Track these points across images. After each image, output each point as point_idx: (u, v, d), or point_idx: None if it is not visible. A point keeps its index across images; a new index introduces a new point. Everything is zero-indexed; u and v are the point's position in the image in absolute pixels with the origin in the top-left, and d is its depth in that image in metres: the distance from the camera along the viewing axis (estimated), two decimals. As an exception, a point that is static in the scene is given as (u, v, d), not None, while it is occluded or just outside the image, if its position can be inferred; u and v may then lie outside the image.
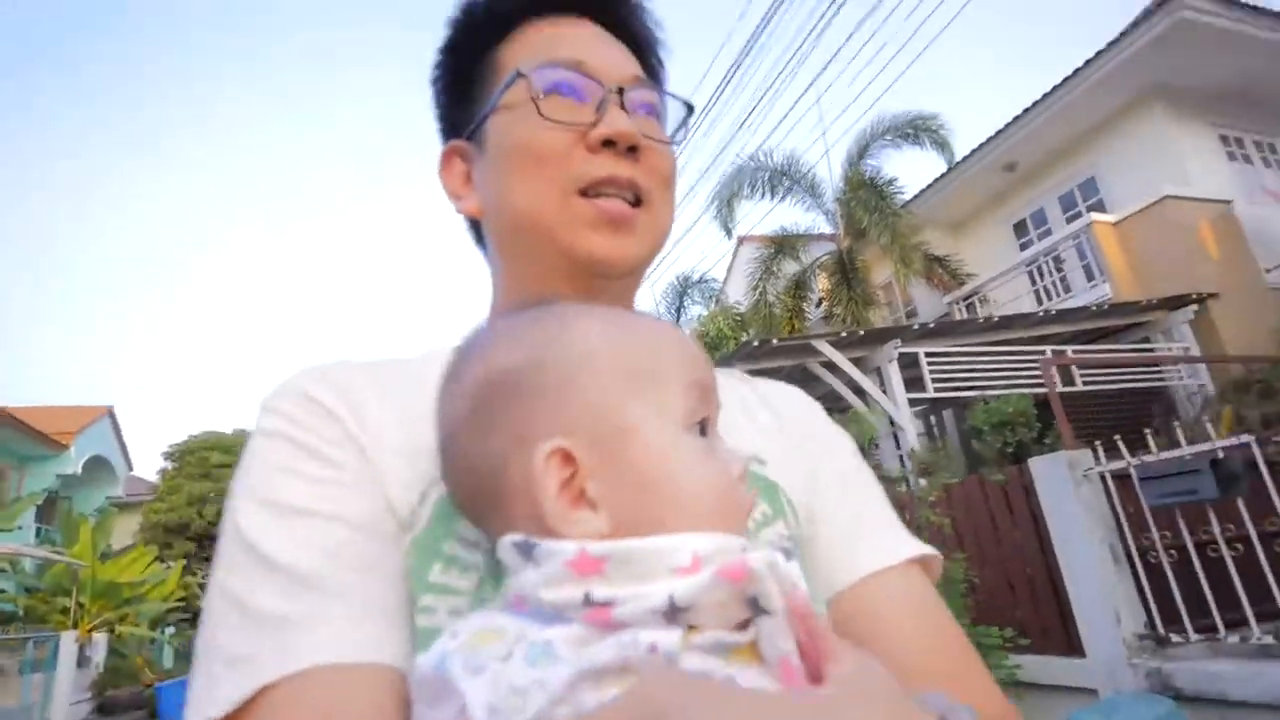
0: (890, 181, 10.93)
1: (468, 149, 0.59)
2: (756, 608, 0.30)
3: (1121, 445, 3.55)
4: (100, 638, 14.15)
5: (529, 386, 0.38)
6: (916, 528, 4.19)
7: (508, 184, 0.54)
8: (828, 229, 12.29)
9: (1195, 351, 7.98)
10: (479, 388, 0.40)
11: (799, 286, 11.82)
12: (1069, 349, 7.30)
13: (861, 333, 6.42)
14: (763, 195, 12.24)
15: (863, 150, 11.50)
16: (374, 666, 0.37)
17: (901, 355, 6.50)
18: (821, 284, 11.88)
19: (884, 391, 6.42)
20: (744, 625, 0.32)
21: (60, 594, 14.19)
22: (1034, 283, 10.53)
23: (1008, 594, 4.07)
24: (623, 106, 0.54)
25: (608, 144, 0.52)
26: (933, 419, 9.93)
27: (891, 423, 6.20)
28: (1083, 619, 3.64)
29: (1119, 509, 3.59)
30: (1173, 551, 3.36)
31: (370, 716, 0.35)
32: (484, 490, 0.39)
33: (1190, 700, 3.17)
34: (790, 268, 12.12)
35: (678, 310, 13.32)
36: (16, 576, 14.23)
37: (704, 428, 0.39)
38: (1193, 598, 3.27)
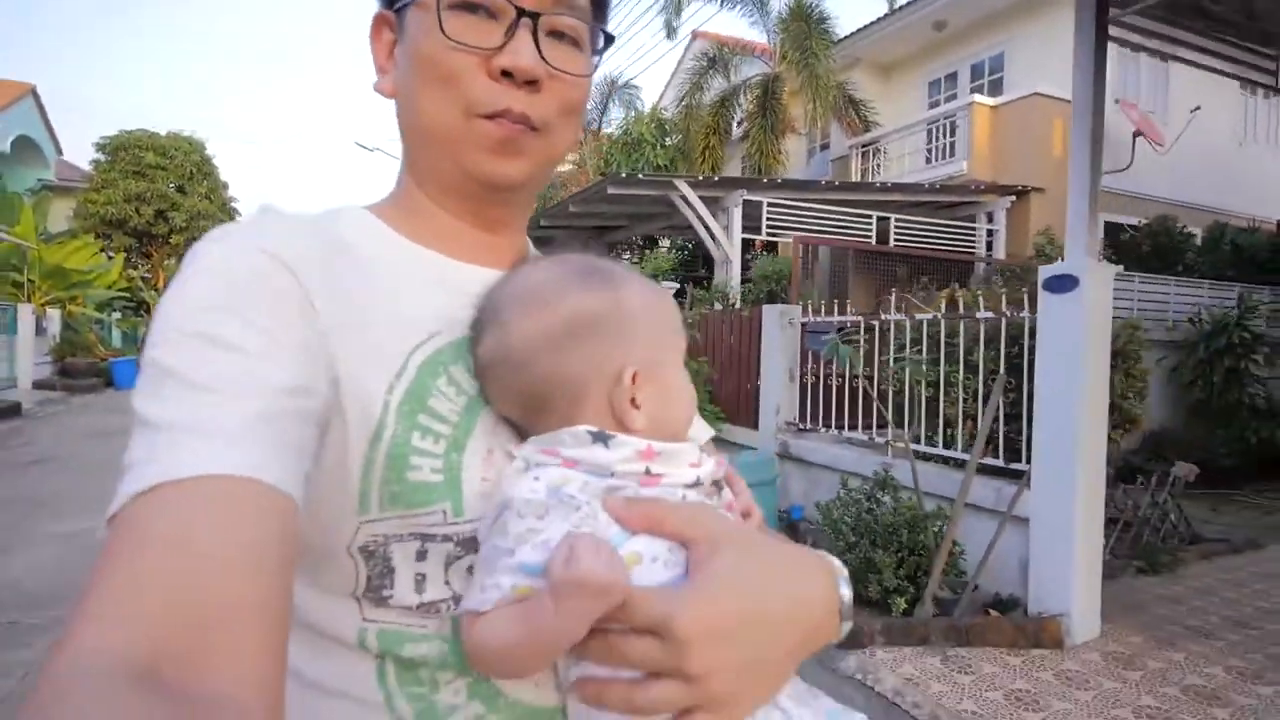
0: (824, 19, 11.39)
1: (395, 24, 0.58)
2: (718, 482, 0.55)
3: (823, 307, 5.33)
4: (54, 313, 15.62)
5: (610, 325, 0.52)
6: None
7: (415, 92, 0.55)
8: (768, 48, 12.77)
9: (1001, 232, 9.71)
10: (570, 318, 0.51)
11: (724, 104, 12.61)
12: (893, 217, 8.86)
13: (716, 178, 7.77)
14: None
15: (812, -25, 11.70)
16: (255, 482, 0.38)
17: (748, 202, 7.96)
18: (747, 105, 12.68)
19: (725, 229, 7.97)
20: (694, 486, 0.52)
21: (9, 269, 15.30)
22: (929, 142, 11.73)
23: (731, 388, 6.08)
24: (536, 33, 0.53)
25: (507, 74, 0.53)
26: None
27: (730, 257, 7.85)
28: (763, 409, 5.69)
29: (801, 347, 5.48)
30: (813, 378, 5.34)
31: (239, 522, 0.37)
32: (559, 393, 0.51)
33: (795, 459, 5.35)
34: (720, 85, 12.77)
35: (601, 112, 13.89)
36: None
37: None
38: (817, 407, 5.31)
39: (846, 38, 12.40)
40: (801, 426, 5.50)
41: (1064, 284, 3.43)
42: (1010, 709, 2.90)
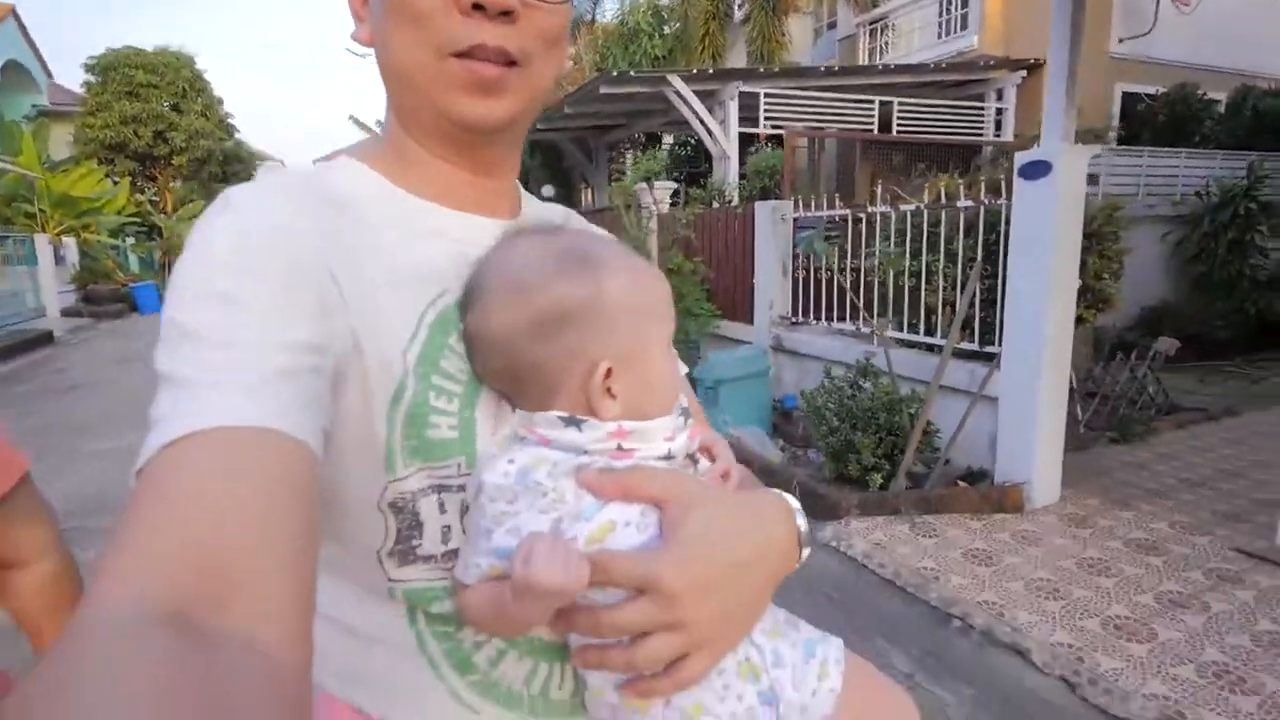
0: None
1: None
2: (692, 455, 0.57)
3: (813, 201, 5.38)
4: (70, 241, 15.89)
5: (587, 317, 0.52)
6: (671, 240, 6.15)
7: (388, 37, 0.54)
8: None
9: (1010, 112, 9.41)
10: (546, 310, 0.52)
11: (723, -15, 11.96)
12: (896, 101, 8.60)
13: (710, 70, 7.54)
14: None
15: None
16: (274, 432, 0.39)
17: (744, 94, 7.76)
18: (745, -15, 12.03)
19: (721, 123, 7.82)
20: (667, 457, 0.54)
21: (20, 200, 15.44)
22: (941, 14, 11.14)
23: (728, 284, 6.22)
24: None
25: (478, 7, 0.51)
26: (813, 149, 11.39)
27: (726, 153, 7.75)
28: (757, 305, 5.86)
29: (793, 243, 5.57)
30: (803, 272, 5.46)
31: (260, 470, 0.38)
32: (535, 378, 0.53)
33: (789, 352, 5.57)
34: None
35: (595, 2, 13.22)
36: (-26, 180, 15.16)
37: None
38: (810, 301, 5.47)
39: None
40: (794, 320, 5.68)
41: (1037, 170, 3.48)
42: (965, 564, 3.24)
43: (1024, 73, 9.34)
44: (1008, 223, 3.76)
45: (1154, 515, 3.58)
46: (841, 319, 5.26)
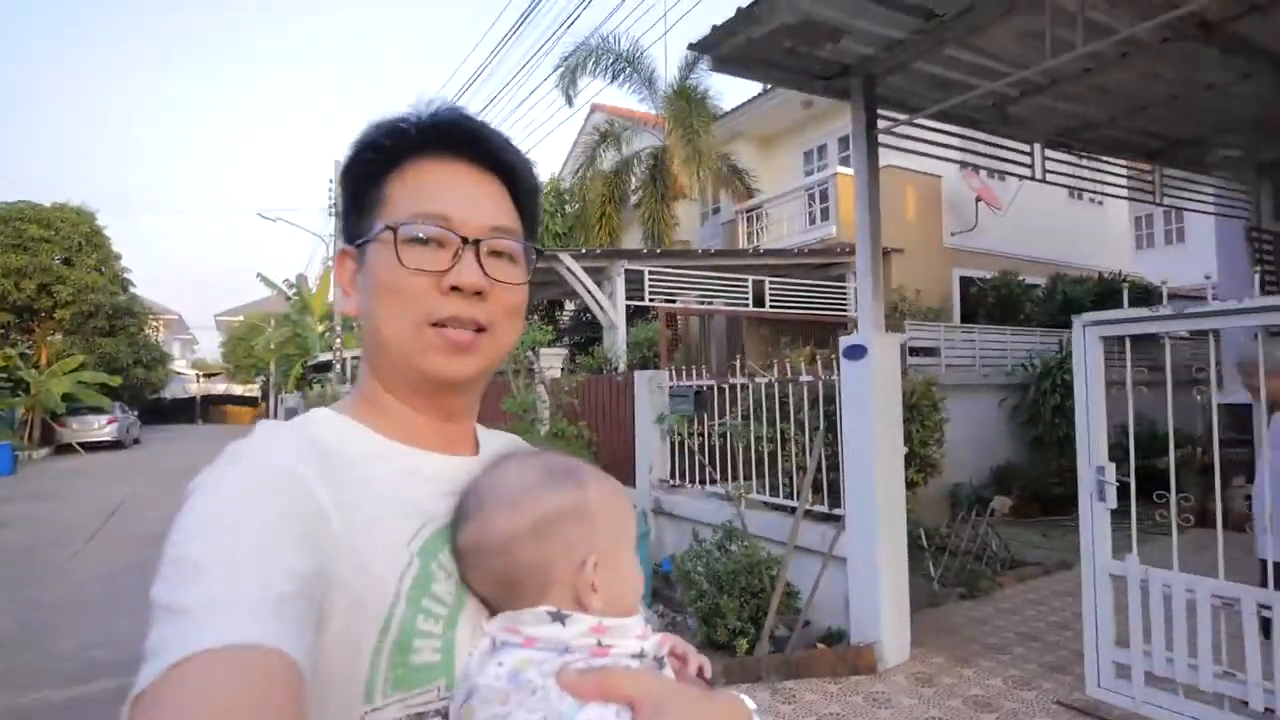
0: (705, 96, 12.37)
1: (357, 256, 0.69)
2: (660, 658, 0.60)
3: (682, 371, 5.81)
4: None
5: (576, 518, 0.60)
6: (557, 405, 6.43)
7: (375, 310, 0.66)
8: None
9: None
10: (543, 513, 0.60)
11: (618, 175, 13.35)
12: (767, 280, 9.65)
13: (598, 250, 8.33)
14: (605, 75, 13.30)
15: (695, 61, 12.73)
16: (269, 649, 0.43)
17: (629, 271, 8.54)
18: (640, 175, 13.46)
19: (610, 297, 8.50)
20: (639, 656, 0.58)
21: None
22: (810, 205, 12.76)
23: (613, 449, 6.45)
24: (479, 255, 0.65)
25: (455, 289, 0.64)
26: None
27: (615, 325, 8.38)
28: (639, 468, 6.08)
29: (666, 409, 5.92)
30: (680, 436, 5.78)
31: (268, 687, 0.41)
32: (532, 576, 0.59)
33: (668, 515, 5.74)
34: (616, 155, 13.54)
35: None
36: None
37: None
38: (687, 465, 5.74)
39: (728, 113, 13.45)
40: (673, 483, 5.91)
41: (856, 352, 4.01)
42: (819, 731, 3.29)
43: (876, 259, 10.72)
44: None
45: (991, 671, 3.80)
46: (714, 482, 5.53)
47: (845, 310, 10.67)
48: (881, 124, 4.23)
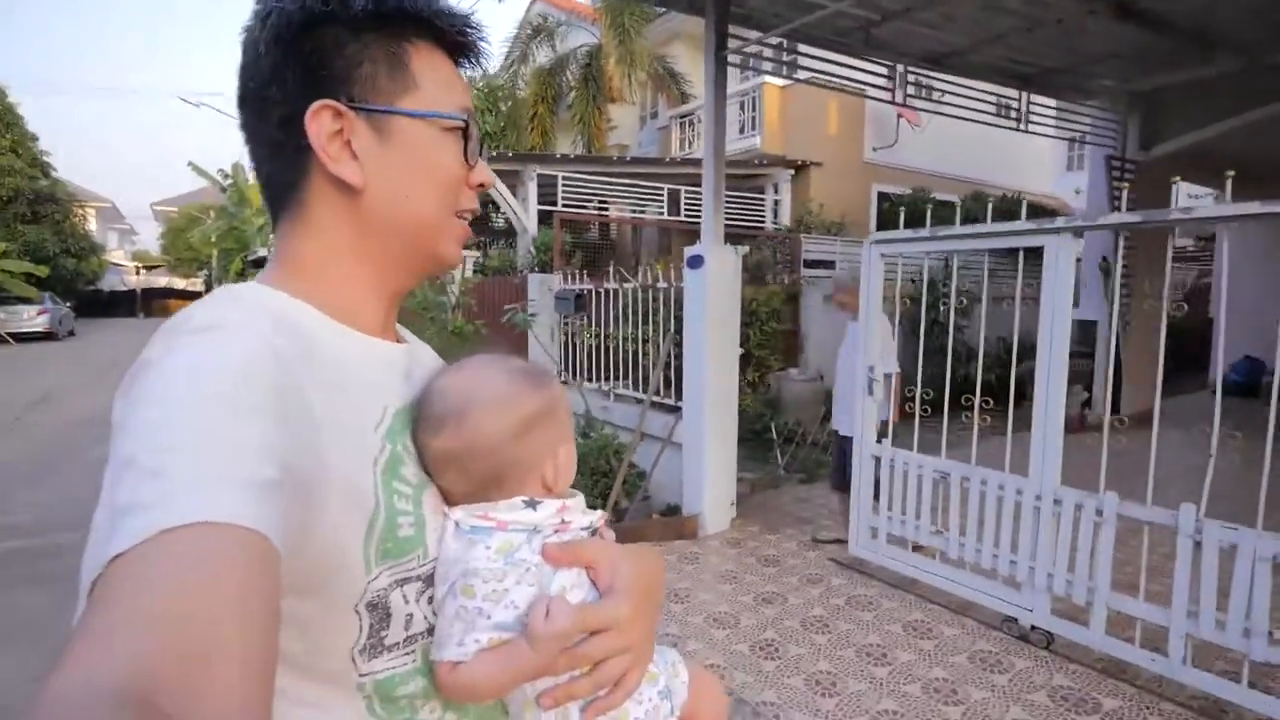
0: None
1: (348, 116, 0.62)
2: (597, 530, 0.69)
3: (570, 275, 6.17)
4: None
5: (551, 415, 0.68)
6: (455, 305, 6.78)
7: (414, 190, 0.64)
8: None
9: (786, 202, 10.98)
10: (528, 414, 0.66)
11: (551, 74, 13.09)
12: (683, 189, 9.90)
13: (511, 154, 8.44)
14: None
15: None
16: (251, 531, 0.41)
17: (542, 175, 8.70)
18: (572, 76, 13.23)
19: (523, 201, 8.69)
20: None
21: None
22: (740, 114, 12.80)
23: (509, 347, 6.87)
24: (480, 153, 0.70)
25: (480, 186, 0.70)
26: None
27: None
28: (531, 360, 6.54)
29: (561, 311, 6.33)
30: (566, 336, 6.22)
31: (235, 568, 0.39)
32: (512, 473, 0.65)
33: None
34: (549, 55, 13.23)
35: None
36: None
37: None
38: (575, 363, 6.20)
39: (665, 11, 13.15)
40: (562, 380, 6.40)
41: (695, 262, 4.43)
42: (629, 580, 3.93)
43: (792, 171, 11.00)
44: (691, 301, 4.68)
45: (790, 538, 4.49)
46: (592, 380, 6.04)
47: (763, 221, 11.03)
48: (733, 43, 4.47)
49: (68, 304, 23.93)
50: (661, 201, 9.74)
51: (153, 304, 40.86)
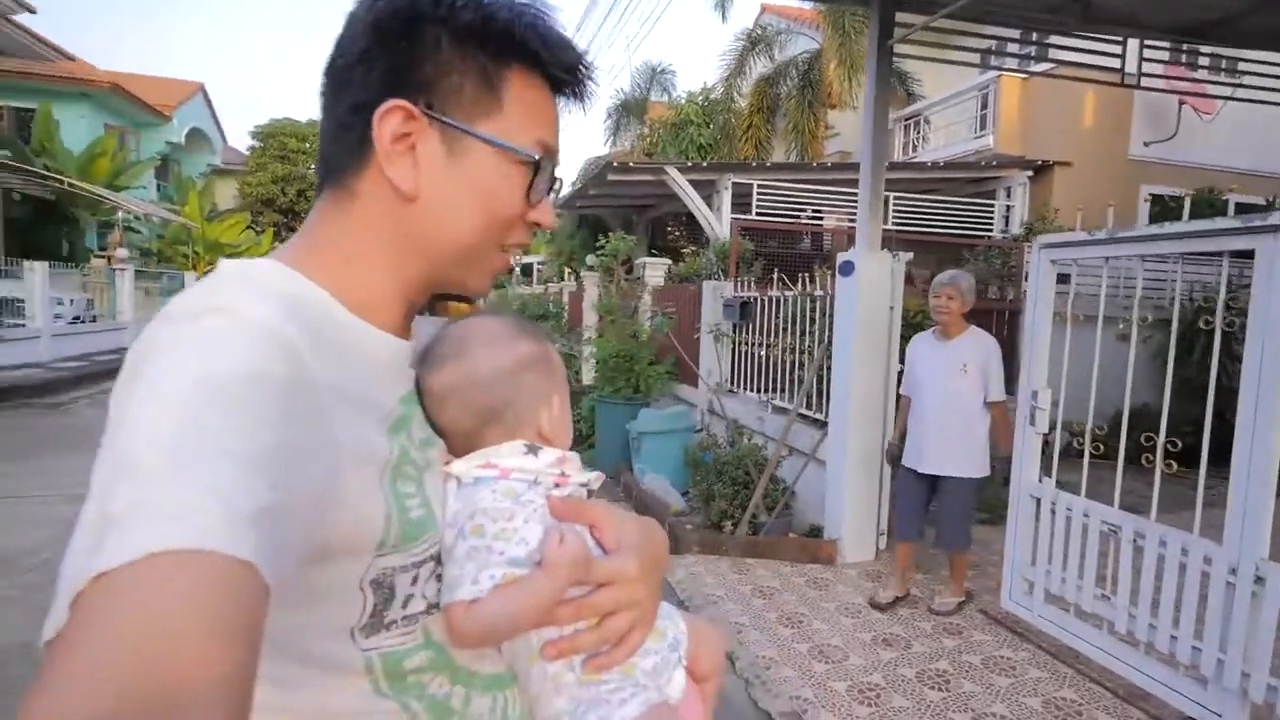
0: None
1: (420, 122, 0.59)
2: (593, 488, 0.70)
3: (731, 284, 6.14)
4: (211, 280, 18.80)
5: (546, 364, 0.69)
6: (633, 311, 7.04)
7: (465, 213, 0.62)
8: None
9: (1020, 208, 9.72)
10: (522, 356, 0.67)
11: (768, 83, 13.04)
12: (891, 195, 9.18)
13: (705, 164, 8.50)
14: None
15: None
16: (242, 563, 0.39)
17: (737, 184, 8.65)
18: (791, 83, 13.05)
19: (718, 210, 8.72)
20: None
21: (179, 244, 18.60)
22: (972, 112, 11.65)
23: (682, 350, 6.98)
24: (548, 192, 0.67)
25: (535, 224, 0.66)
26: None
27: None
28: (701, 371, 6.60)
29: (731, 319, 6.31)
30: (740, 345, 6.17)
31: (219, 600, 0.37)
32: (508, 412, 0.65)
33: (719, 416, 6.26)
34: (772, 62, 13.19)
35: (645, 94, 14.66)
36: (149, 226, 18.44)
37: None
38: (743, 373, 6.15)
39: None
40: (729, 388, 6.36)
41: (846, 268, 4.14)
42: (748, 595, 3.81)
43: (1030, 173, 9.69)
44: (847, 312, 4.39)
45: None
46: (763, 389, 5.91)
47: (990, 229, 9.87)
48: (900, 31, 4.11)
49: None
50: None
51: (434, 304, 48.09)
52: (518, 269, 21.46)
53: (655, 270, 8.41)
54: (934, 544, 3.73)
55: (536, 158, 0.62)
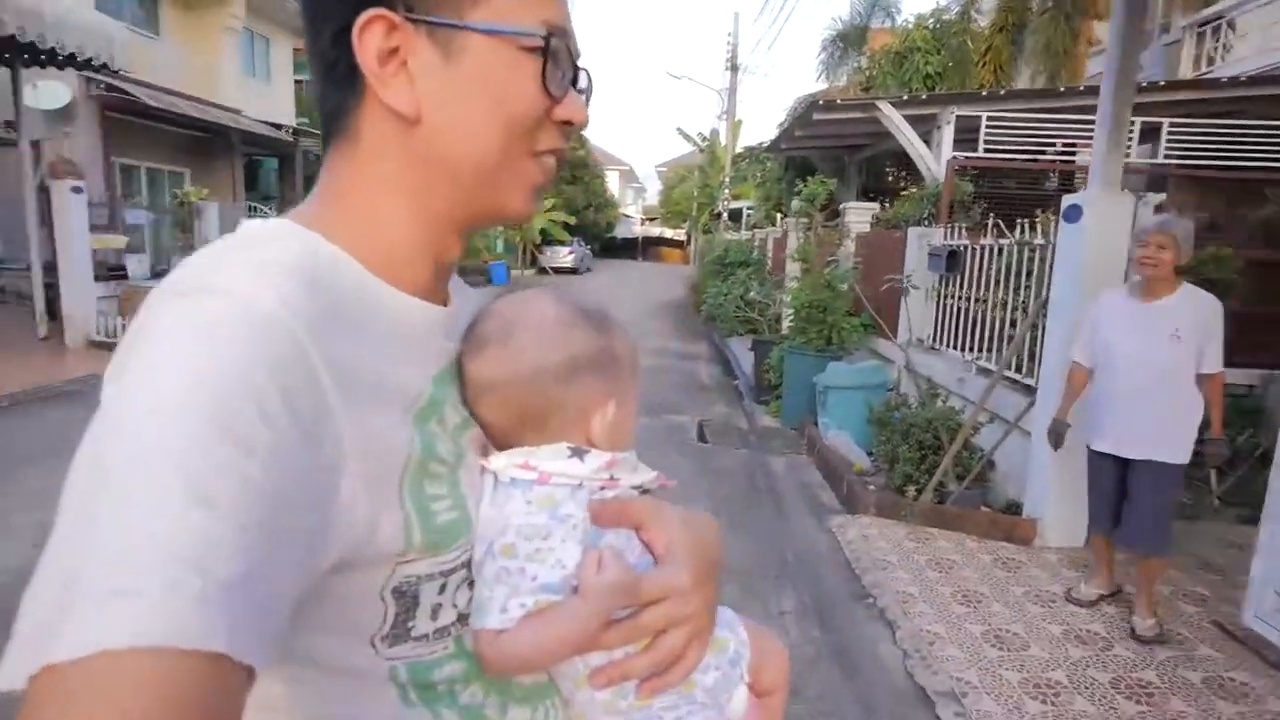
0: None
1: (405, 30, 0.50)
2: (648, 490, 0.64)
3: (941, 231, 5.57)
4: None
5: (604, 367, 0.60)
6: (830, 259, 6.68)
7: (478, 123, 0.52)
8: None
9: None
10: (573, 359, 0.58)
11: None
12: (1166, 120, 7.52)
13: (923, 96, 7.57)
14: None
15: None
16: (219, 659, 0.34)
17: (961, 118, 7.64)
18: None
19: (936, 147, 7.80)
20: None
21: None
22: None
23: (886, 304, 6.51)
24: (574, 82, 0.57)
25: (567, 123, 0.56)
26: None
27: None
28: (900, 324, 6.15)
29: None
30: (945, 298, 5.65)
31: (189, 708, 0.33)
32: (554, 415, 0.59)
33: (916, 374, 5.84)
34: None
35: (866, 21, 13.27)
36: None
37: None
38: (946, 329, 5.65)
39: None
40: (931, 345, 5.87)
41: (1072, 214, 3.55)
42: (923, 566, 3.59)
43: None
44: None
45: (1171, 582, 3.40)
46: (957, 347, 5.38)
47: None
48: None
49: (588, 247, 30.98)
50: (1131, 138, 7.70)
51: (649, 249, 49.70)
52: (725, 214, 21.38)
53: (859, 215, 7.88)
54: (1120, 543, 3.11)
55: (544, 36, 0.52)
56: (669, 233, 49.87)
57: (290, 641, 0.42)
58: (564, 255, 27.18)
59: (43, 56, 6.96)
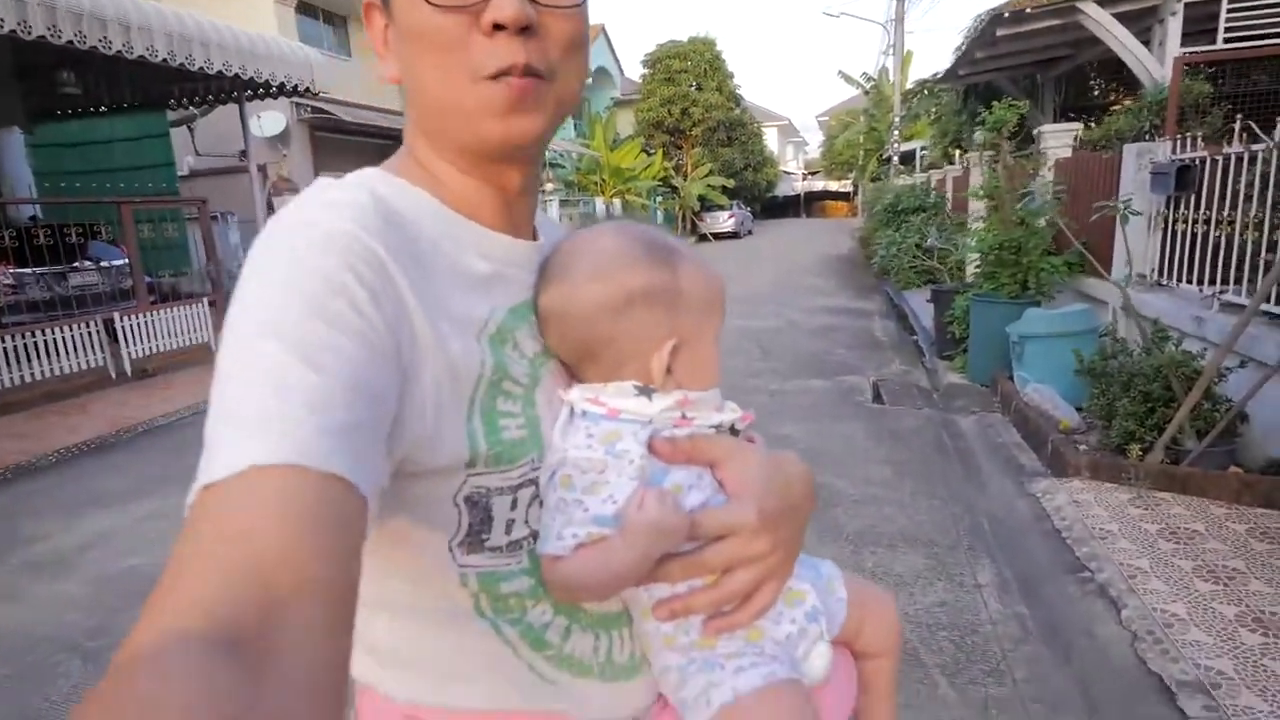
0: None
1: (380, 11, 0.59)
2: (735, 429, 0.62)
3: (1169, 145, 4.69)
4: (616, 201, 21.64)
5: (664, 299, 0.58)
6: (1022, 191, 5.88)
7: (417, 70, 0.55)
8: None
9: None
10: (627, 294, 0.57)
11: None
12: None
13: (1139, -13, 6.28)
14: None
15: None
16: (338, 479, 0.40)
17: (1190, 6, 6.27)
18: None
19: (1158, 45, 6.50)
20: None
21: (590, 174, 21.69)
22: None
23: (1096, 238, 5.64)
24: None
25: (499, 27, 0.51)
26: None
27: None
28: (1115, 259, 5.32)
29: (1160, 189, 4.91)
30: (1175, 224, 4.80)
31: (318, 513, 0.38)
32: (607, 351, 0.58)
33: (1137, 315, 5.03)
34: None
35: None
36: (569, 160, 21.87)
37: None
38: (1177, 260, 4.79)
39: None
40: (1157, 280, 5.02)
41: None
42: (1154, 536, 3.10)
43: None
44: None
45: None
46: (1207, 282, 4.52)
47: None
48: None
49: (748, 209, 30.32)
50: None
51: (812, 205, 47.64)
52: (895, 158, 19.79)
53: (1059, 139, 6.88)
54: None
55: None
56: (833, 185, 47.37)
57: (376, 541, 0.47)
58: (724, 220, 26.81)
59: (260, 89, 7.98)
